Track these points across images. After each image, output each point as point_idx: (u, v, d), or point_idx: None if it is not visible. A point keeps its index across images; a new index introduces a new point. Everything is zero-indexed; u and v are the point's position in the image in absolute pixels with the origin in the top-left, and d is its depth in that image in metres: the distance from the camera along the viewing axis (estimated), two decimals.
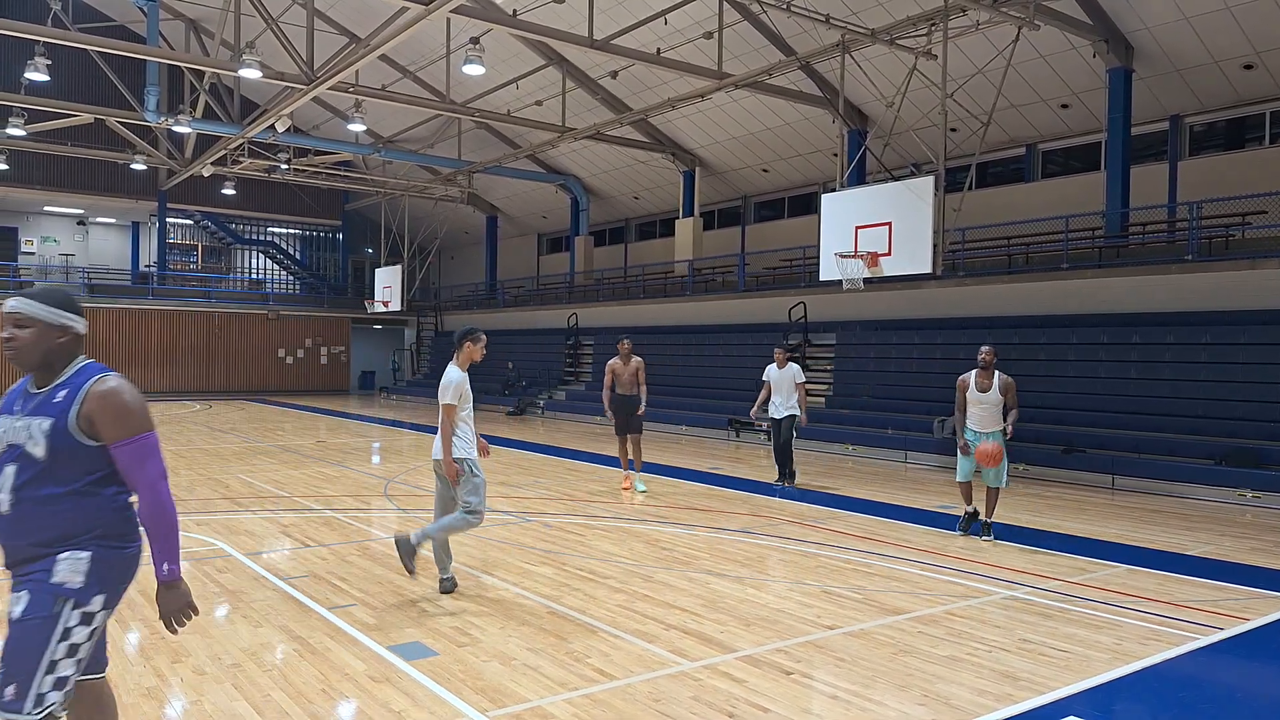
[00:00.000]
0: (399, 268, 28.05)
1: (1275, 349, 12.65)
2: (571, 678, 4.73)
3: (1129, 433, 13.18)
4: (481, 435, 6.55)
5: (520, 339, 29.55)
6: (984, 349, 8.47)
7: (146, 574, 2.96)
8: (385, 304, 28.52)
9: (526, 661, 4.96)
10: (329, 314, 34.86)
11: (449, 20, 19.33)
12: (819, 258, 14.31)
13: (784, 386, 11.56)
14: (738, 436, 18.36)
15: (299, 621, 5.62)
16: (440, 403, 6.19)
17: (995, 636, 5.54)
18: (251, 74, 16.44)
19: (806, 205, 23.68)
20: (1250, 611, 6.25)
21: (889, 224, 13.12)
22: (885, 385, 17.38)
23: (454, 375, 6.21)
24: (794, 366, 11.62)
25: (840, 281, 13.88)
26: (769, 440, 13.28)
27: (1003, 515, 10.03)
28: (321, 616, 5.73)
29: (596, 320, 26.34)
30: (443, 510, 6.42)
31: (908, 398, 16.69)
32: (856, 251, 13.44)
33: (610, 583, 6.71)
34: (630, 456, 11.49)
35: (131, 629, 5.42)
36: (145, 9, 21.63)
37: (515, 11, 16.47)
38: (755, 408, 12.00)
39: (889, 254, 13.12)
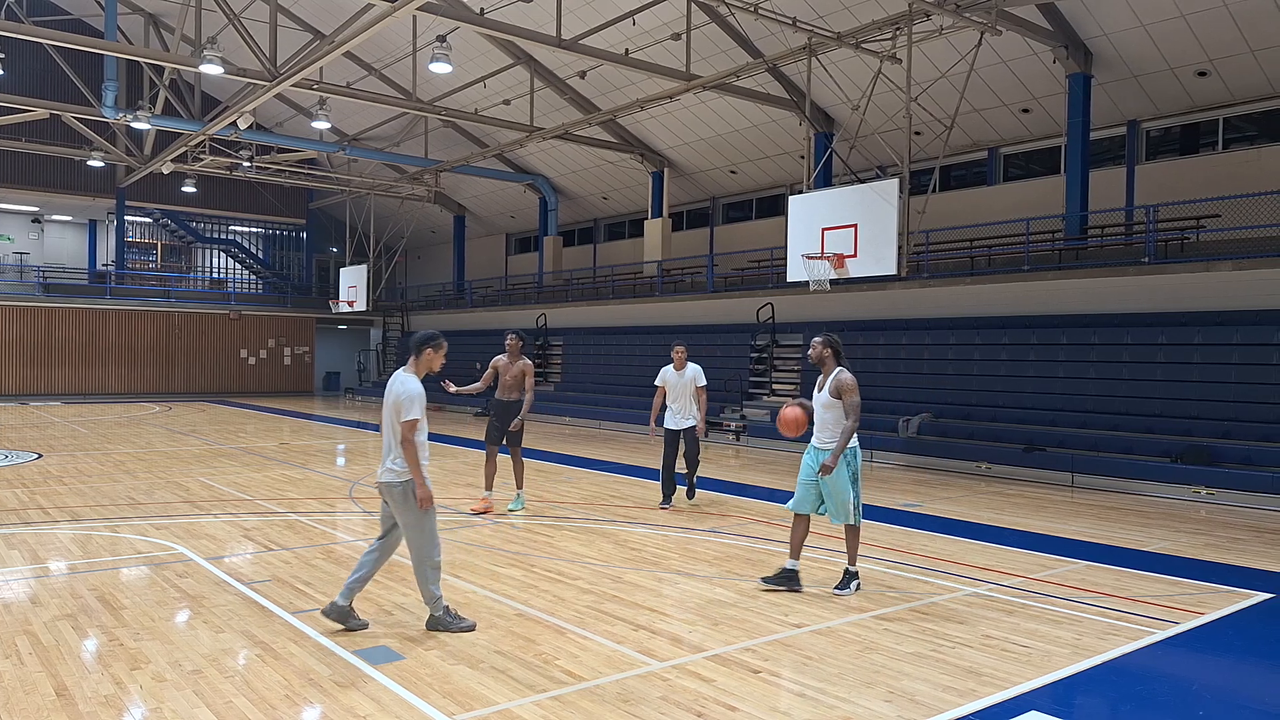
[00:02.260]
0: (364, 267, 27.79)
1: (1228, 349, 12.96)
2: (540, 679, 4.71)
3: (1088, 431, 13.43)
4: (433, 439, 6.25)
5: (488, 340, 29.38)
6: (814, 340, 6.92)
7: (105, 579, 2.90)
8: (350, 304, 28.22)
9: (494, 664, 4.94)
10: (293, 314, 34.43)
11: (415, 18, 19.18)
12: (786, 259, 14.40)
13: (683, 392, 9.97)
14: (705, 437, 18.38)
15: (262, 626, 5.54)
16: (402, 418, 5.33)
17: (959, 633, 5.62)
18: (213, 70, 16.18)
19: (774, 207, 23.82)
20: (1205, 606, 6.39)
21: (855, 226, 13.24)
22: None
23: (414, 386, 5.41)
24: (695, 368, 10.05)
25: (808, 283, 13.98)
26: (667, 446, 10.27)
27: (965, 513, 10.19)
28: (285, 621, 5.66)
29: (565, 321, 26.28)
30: (387, 536, 5.61)
31: (873, 397, 16.80)
32: (823, 253, 13.55)
33: (579, 584, 6.70)
34: (498, 472, 9.78)
35: (89, 636, 5.31)
36: (103, 3, 21.19)
37: (482, 10, 16.38)
38: (653, 419, 10.28)
39: (855, 255, 13.24)
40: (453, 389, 8.86)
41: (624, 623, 5.73)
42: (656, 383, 10.19)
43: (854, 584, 6.53)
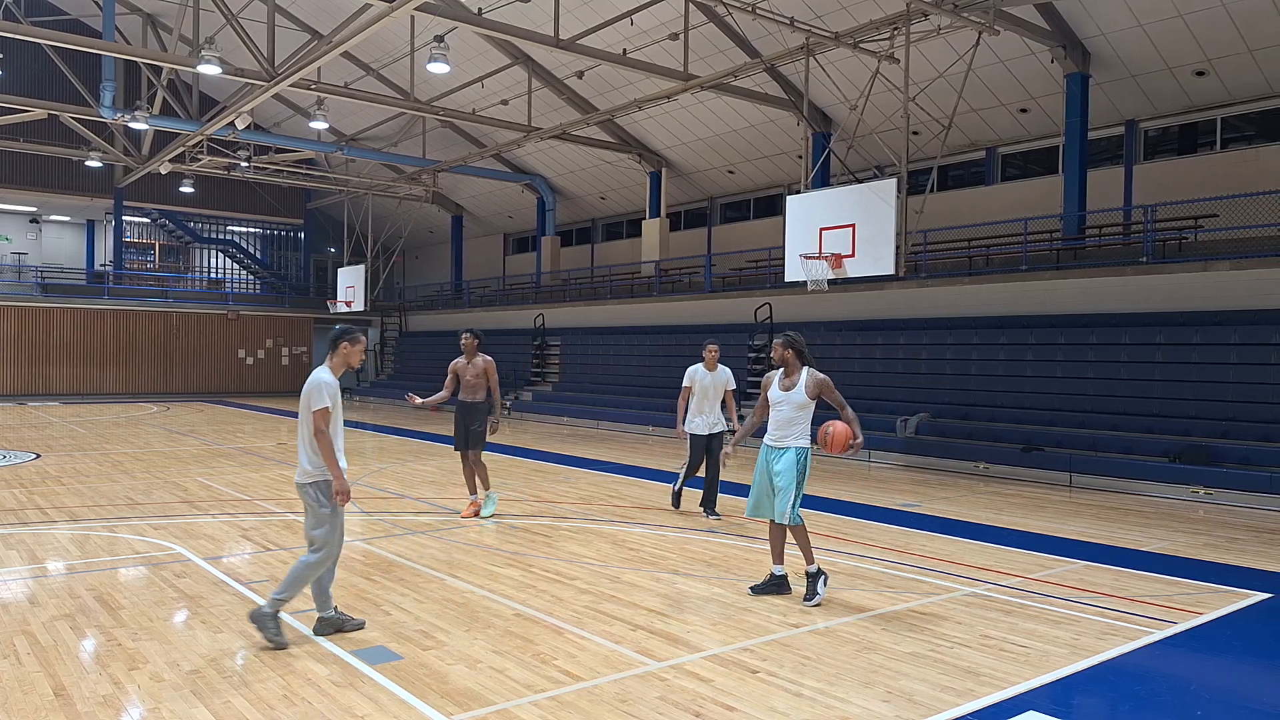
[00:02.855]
0: (362, 267, 27.77)
1: (1227, 349, 12.97)
2: (538, 680, 4.71)
3: (1086, 431, 13.44)
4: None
5: (486, 340, 29.26)
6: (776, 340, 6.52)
7: (103, 579, 2.90)
8: (348, 304, 28.20)
9: (492, 664, 4.93)
10: (290, 314, 34.40)
11: (413, 18, 19.18)
12: (784, 259, 14.41)
13: (714, 395, 9.43)
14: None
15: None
16: (310, 409, 5.15)
17: (957, 633, 5.62)
18: (211, 70, 16.16)
19: (772, 207, 23.82)
20: (1203, 605, 6.39)
21: (853, 226, 13.24)
22: (849, 385, 17.45)
23: (326, 378, 5.24)
24: (727, 371, 9.55)
25: (805, 282, 13.98)
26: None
27: (963, 513, 10.19)
28: (283, 621, 5.64)
29: (563, 321, 26.28)
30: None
31: (871, 397, 16.84)
32: (821, 253, 13.55)
33: (577, 584, 6.70)
34: (471, 475, 9.38)
35: (87, 636, 5.30)
36: (101, 3, 21.17)
37: (480, 10, 16.37)
38: (681, 421, 9.43)
39: (853, 255, 13.24)
40: (417, 402, 8.74)
41: (622, 623, 5.73)
42: (684, 382, 9.53)
43: (820, 584, 6.18)
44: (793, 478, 6.22)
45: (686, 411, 9.50)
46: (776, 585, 6.42)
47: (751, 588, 6.48)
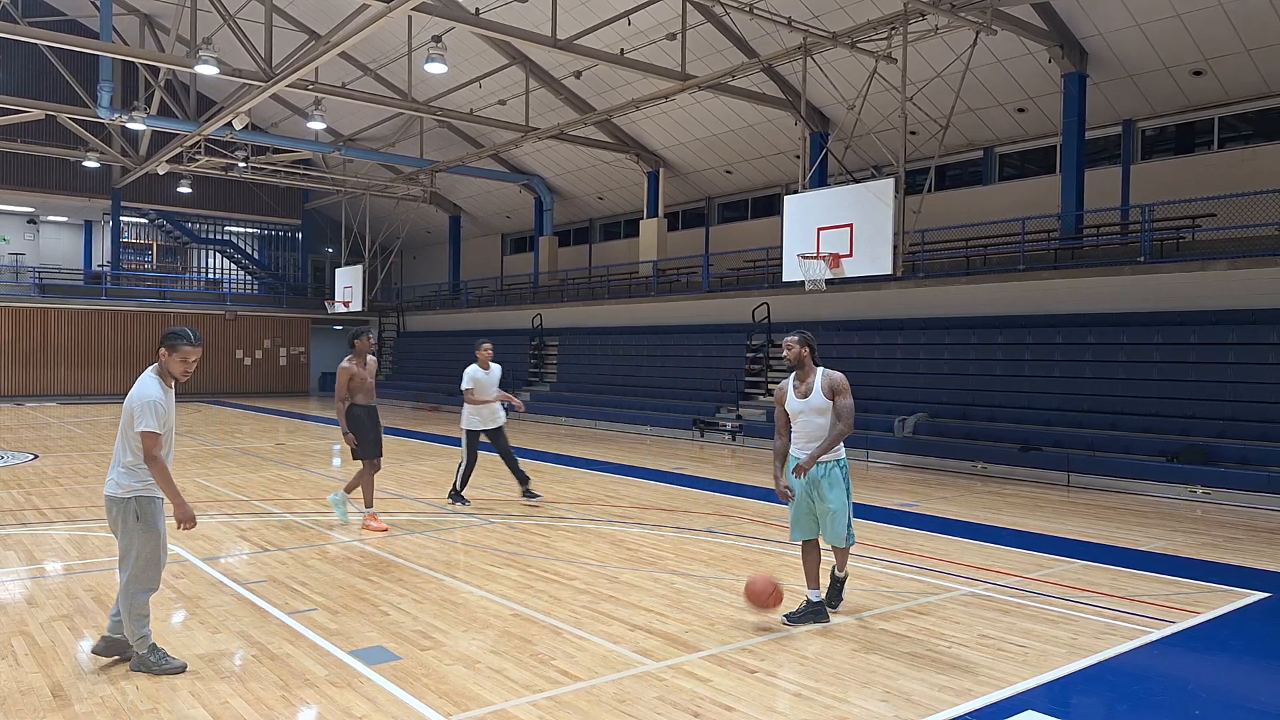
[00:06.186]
0: (360, 267, 27.74)
1: (1224, 349, 12.99)
2: (536, 680, 4.71)
3: (1084, 431, 13.45)
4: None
5: (484, 340, 29.33)
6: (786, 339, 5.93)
7: (101, 579, 2.89)
8: (346, 304, 28.18)
9: (490, 664, 4.93)
10: (288, 314, 34.37)
11: (410, 18, 19.14)
12: (782, 259, 14.41)
13: (491, 392, 9.52)
14: (702, 436, 18.43)
15: (258, 627, 5.53)
16: (136, 429, 4.58)
17: (955, 633, 5.62)
18: (208, 70, 16.14)
19: (769, 207, 23.82)
20: (1201, 605, 6.40)
21: (850, 226, 13.24)
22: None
23: (150, 391, 4.61)
24: (498, 368, 9.71)
25: (803, 282, 13.98)
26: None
27: (961, 513, 10.20)
28: (281, 621, 5.65)
29: (561, 321, 26.27)
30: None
31: (869, 397, 16.83)
32: (819, 253, 13.55)
33: (575, 584, 6.70)
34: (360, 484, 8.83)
35: (85, 636, 5.29)
36: (99, 3, 21.15)
37: (478, 10, 16.37)
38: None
39: (850, 255, 13.24)
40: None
41: (620, 623, 5.73)
42: (467, 385, 9.49)
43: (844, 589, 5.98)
44: (843, 495, 5.67)
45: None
46: (814, 613, 5.77)
47: (786, 616, 5.74)
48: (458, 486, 9.99)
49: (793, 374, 5.89)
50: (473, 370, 9.83)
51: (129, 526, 4.68)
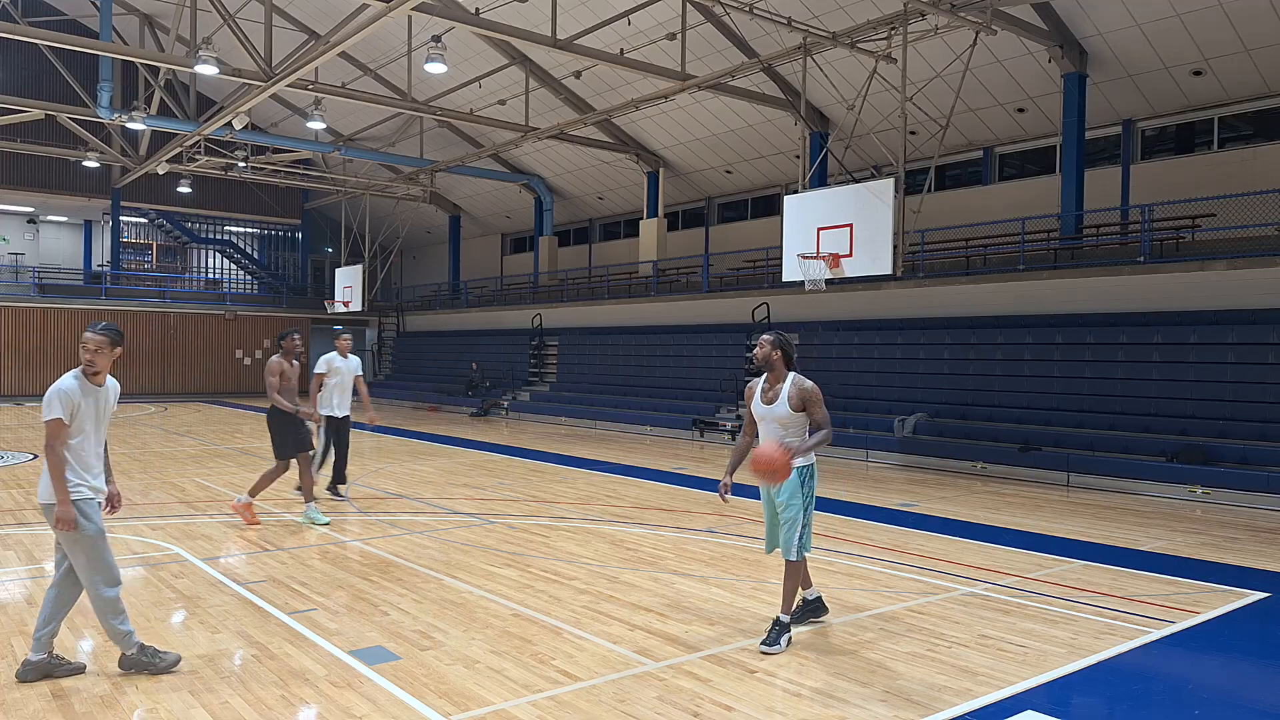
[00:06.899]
0: (360, 267, 27.74)
1: (1224, 348, 12.99)
2: (536, 680, 4.71)
3: (1084, 431, 13.45)
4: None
5: (484, 340, 29.37)
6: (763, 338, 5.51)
7: None
8: (346, 304, 28.18)
9: (490, 664, 4.93)
10: (288, 314, 34.33)
11: (410, 18, 19.14)
12: (782, 259, 14.41)
13: (348, 380, 9.76)
14: (702, 436, 18.43)
15: (258, 627, 5.53)
16: (43, 417, 4.54)
17: (955, 632, 5.62)
18: (208, 70, 16.14)
19: (769, 206, 23.82)
20: (1200, 605, 6.40)
21: (850, 225, 13.25)
22: (847, 385, 17.54)
23: (65, 381, 4.59)
24: (357, 359, 9.89)
25: (803, 282, 13.99)
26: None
27: (961, 513, 10.20)
28: (281, 621, 5.65)
29: (561, 321, 26.27)
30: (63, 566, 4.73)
31: (868, 397, 16.87)
32: (818, 253, 13.56)
33: (575, 584, 6.70)
34: (301, 483, 9.11)
35: (85, 637, 5.30)
36: (99, 3, 21.15)
37: (478, 10, 16.36)
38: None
39: (850, 255, 13.25)
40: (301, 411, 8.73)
41: (620, 623, 5.73)
42: (321, 369, 9.83)
43: (785, 639, 5.25)
44: (799, 505, 5.35)
45: (319, 396, 9.70)
46: (812, 611, 5.75)
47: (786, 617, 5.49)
48: (333, 479, 10.16)
49: (764, 375, 5.54)
50: (329, 356, 9.94)
51: (69, 536, 4.54)
